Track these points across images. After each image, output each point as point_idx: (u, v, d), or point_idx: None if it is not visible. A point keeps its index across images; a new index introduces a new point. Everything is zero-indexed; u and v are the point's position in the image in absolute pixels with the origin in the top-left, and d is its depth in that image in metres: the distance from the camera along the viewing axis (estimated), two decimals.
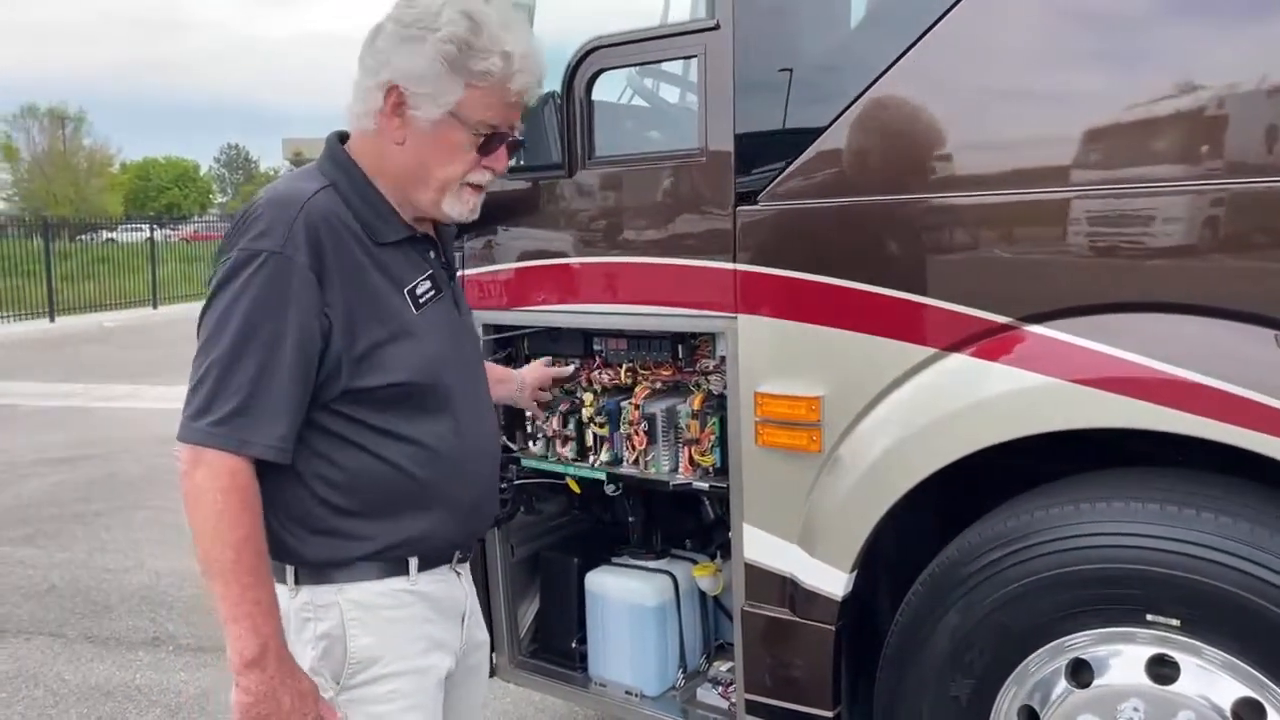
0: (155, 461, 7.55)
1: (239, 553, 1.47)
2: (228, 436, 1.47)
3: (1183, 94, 1.74)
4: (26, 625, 4.50)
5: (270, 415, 1.49)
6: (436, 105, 1.60)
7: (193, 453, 1.48)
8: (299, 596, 1.63)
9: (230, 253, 1.52)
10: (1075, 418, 1.81)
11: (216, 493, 1.47)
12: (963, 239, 1.94)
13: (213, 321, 1.50)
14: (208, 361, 1.49)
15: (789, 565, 2.18)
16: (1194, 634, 1.72)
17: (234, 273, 1.50)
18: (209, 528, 1.47)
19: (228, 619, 1.49)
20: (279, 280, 1.49)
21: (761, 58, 2.12)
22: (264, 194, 1.60)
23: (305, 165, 1.72)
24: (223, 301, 1.50)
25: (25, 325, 17.88)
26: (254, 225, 1.52)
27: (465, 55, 1.57)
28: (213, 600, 1.50)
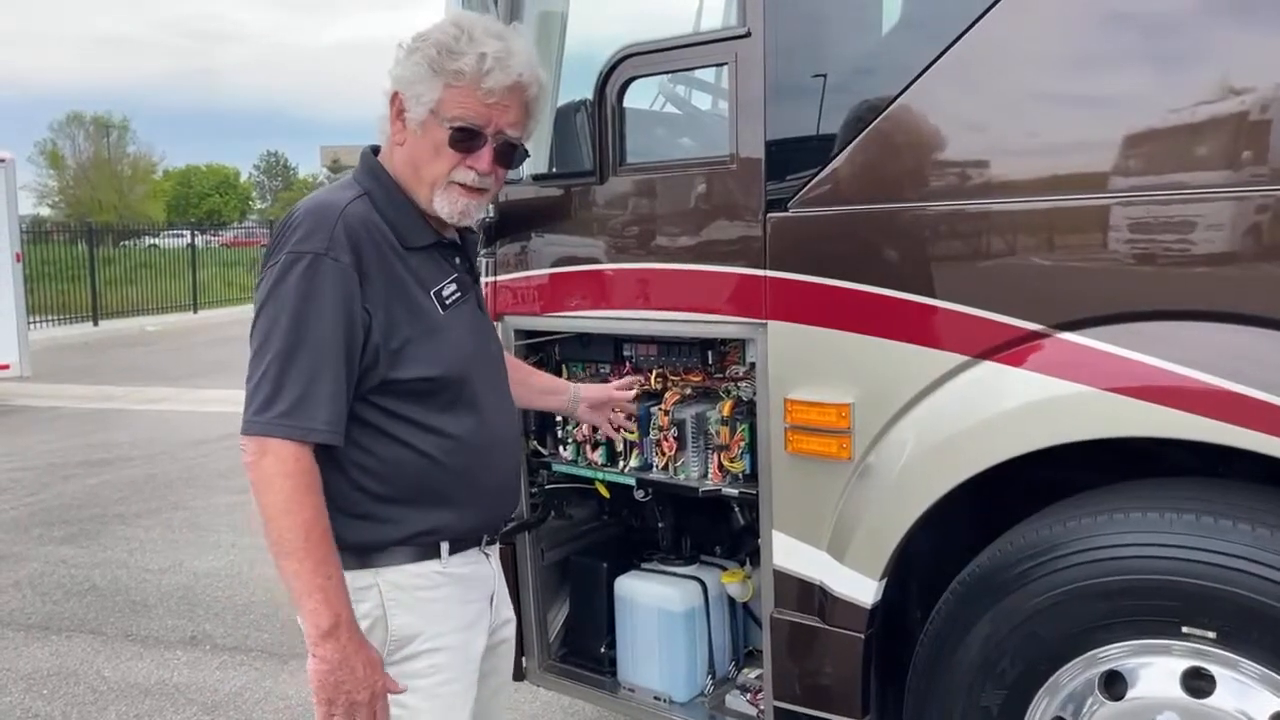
0: (194, 463, 7.68)
1: (308, 532, 1.58)
2: (291, 426, 1.58)
3: (1219, 99, 1.72)
4: (68, 623, 4.59)
5: (326, 402, 1.60)
6: (420, 105, 1.73)
7: (259, 444, 1.58)
8: (350, 579, 1.69)
9: (277, 257, 1.63)
10: (1109, 427, 1.79)
11: (284, 478, 1.57)
12: (995, 245, 1.93)
13: (267, 322, 1.61)
14: (267, 359, 1.59)
15: (819, 572, 2.17)
16: (1231, 647, 1.70)
17: (283, 275, 1.61)
18: (279, 511, 1.58)
19: (301, 594, 1.59)
20: (325, 278, 1.61)
21: (793, 65, 2.12)
22: (303, 204, 1.71)
23: (342, 177, 1.85)
24: (275, 302, 1.61)
25: (70, 329, 18.23)
26: (297, 231, 1.64)
27: (443, 57, 1.71)
28: (286, 579, 1.60)
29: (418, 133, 1.75)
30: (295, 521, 1.58)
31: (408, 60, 1.74)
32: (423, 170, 1.77)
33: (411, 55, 1.74)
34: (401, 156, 1.78)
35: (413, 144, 1.77)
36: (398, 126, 1.77)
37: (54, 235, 21.81)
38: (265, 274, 1.64)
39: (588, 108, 2.45)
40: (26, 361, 11.09)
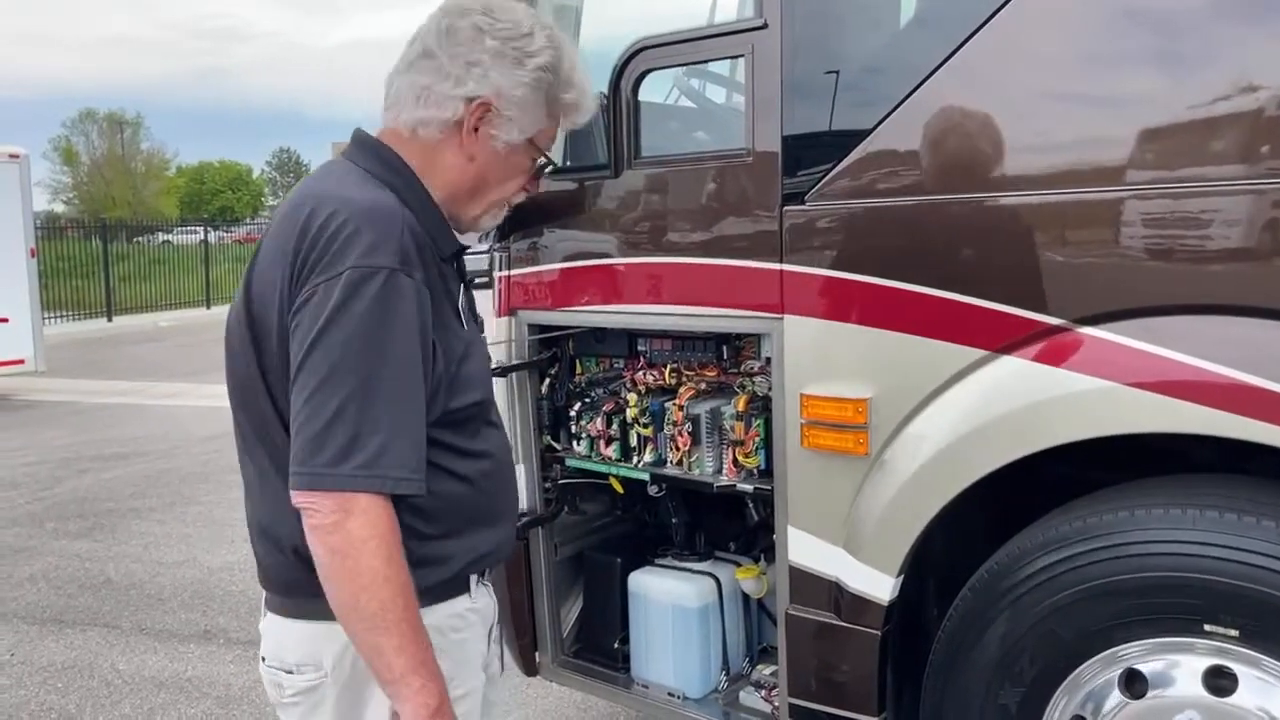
0: (208, 458, 7.71)
1: (407, 600, 1.36)
2: (380, 478, 1.34)
3: (1240, 92, 1.69)
4: (83, 617, 4.61)
5: (411, 446, 1.38)
6: (520, 130, 1.58)
7: (341, 502, 1.33)
8: None
9: (334, 270, 1.37)
10: (1130, 422, 1.77)
11: (377, 540, 1.33)
12: (1014, 239, 1.91)
13: (335, 350, 1.34)
14: (339, 396, 1.33)
15: (834, 569, 2.16)
16: (1254, 645, 1.67)
17: (352, 293, 1.35)
18: (378, 579, 1.33)
19: (406, 672, 1.37)
20: (403, 298, 1.39)
21: (809, 57, 2.11)
22: (341, 203, 1.43)
23: (343, 166, 1.56)
24: (342, 327, 1.35)
25: (84, 324, 18.35)
26: (357, 239, 1.38)
27: (555, 87, 1.58)
28: (385, 657, 1.36)
29: (498, 151, 1.58)
30: (395, 589, 1.34)
31: (506, 70, 1.53)
32: (491, 191, 1.63)
33: (512, 66, 1.53)
34: (465, 171, 1.58)
35: (488, 162, 1.58)
36: (471, 139, 1.56)
37: (68, 231, 21.96)
38: (316, 290, 1.36)
39: (602, 101, 2.44)
40: (41, 357, 11.17)
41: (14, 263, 10.86)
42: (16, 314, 10.84)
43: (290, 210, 1.47)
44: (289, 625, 1.55)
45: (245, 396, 1.52)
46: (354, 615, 1.36)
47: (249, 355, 1.48)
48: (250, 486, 1.58)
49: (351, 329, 1.35)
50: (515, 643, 2.82)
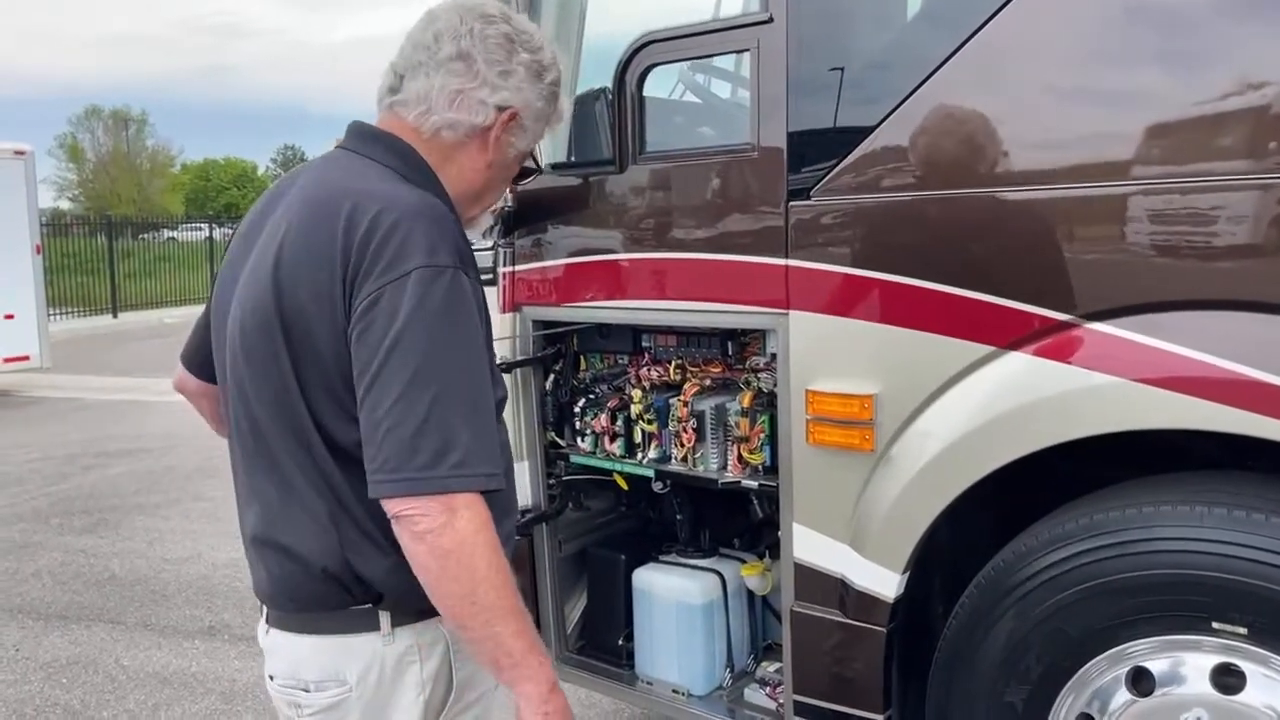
0: (212, 455, 7.70)
1: (513, 585, 1.38)
2: (475, 476, 1.34)
3: (1248, 87, 1.68)
4: (87, 612, 4.62)
5: (492, 443, 1.38)
6: (531, 140, 1.63)
7: (445, 502, 1.31)
8: (396, 643, 1.49)
9: (399, 270, 1.35)
10: (1138, 419, 1.76)
11: (484, 532, 1.34)
12: (1021, 234, 1.90)
13: (418, 353, 1.32)
14: (428, 400, 1.31)
15: (839, 566, 2.15)
16: (1262, 643, 1.67)
17: (425, 294, 1.33)
18: (489, 571, 1.34)
19: (525, 652, 1.39)
20: (466, 297, 1.39)
21: (816, 51, 2.10)
22: (388, 204, 1.40)
23: (360, 161, 1.52)
24: (423, 329, 1.33)
25: (90, 321, 18.39)
26: (416, 240, 1.36)
27: (559, 100, 1.63)
28: (504, 644, 1.38)
29: (509, 159, 1.60)
30: (505, 577, 1.36)
31: (533, 83, 1.56)
32: (492, 194, 1.66)
33: (537, 80, 1.56)
34: (479, 175, 1.59)
35: (500, 168, 1.61)
36: (496, 146, 1.57)
37: (73, 228, 22.02)
38: (383, 291, 1.34)
39: (607, 96, 2.43)
40: (46, 353, 11.19)
41: (19, 259, 10.88)
42: (22, 310, 10.86)
43: (318, 207, 1.42)
44: (304, 642, 1.51)
45: (276, 409, 1.44)
46: (471, 610, 1.35)
47: (283, 364, 1.41)
48: (263, 501, 1.50)
49: (428, 331, 1.33)
50: None
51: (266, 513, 1.50)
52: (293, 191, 1.51)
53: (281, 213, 1.48)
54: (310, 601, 1.48)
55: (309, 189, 1.49)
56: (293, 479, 1.45)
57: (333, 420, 1.41)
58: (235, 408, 1.52)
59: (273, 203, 1.54)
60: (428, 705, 1.52)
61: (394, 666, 1.49)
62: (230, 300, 1.52)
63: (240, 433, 1.53)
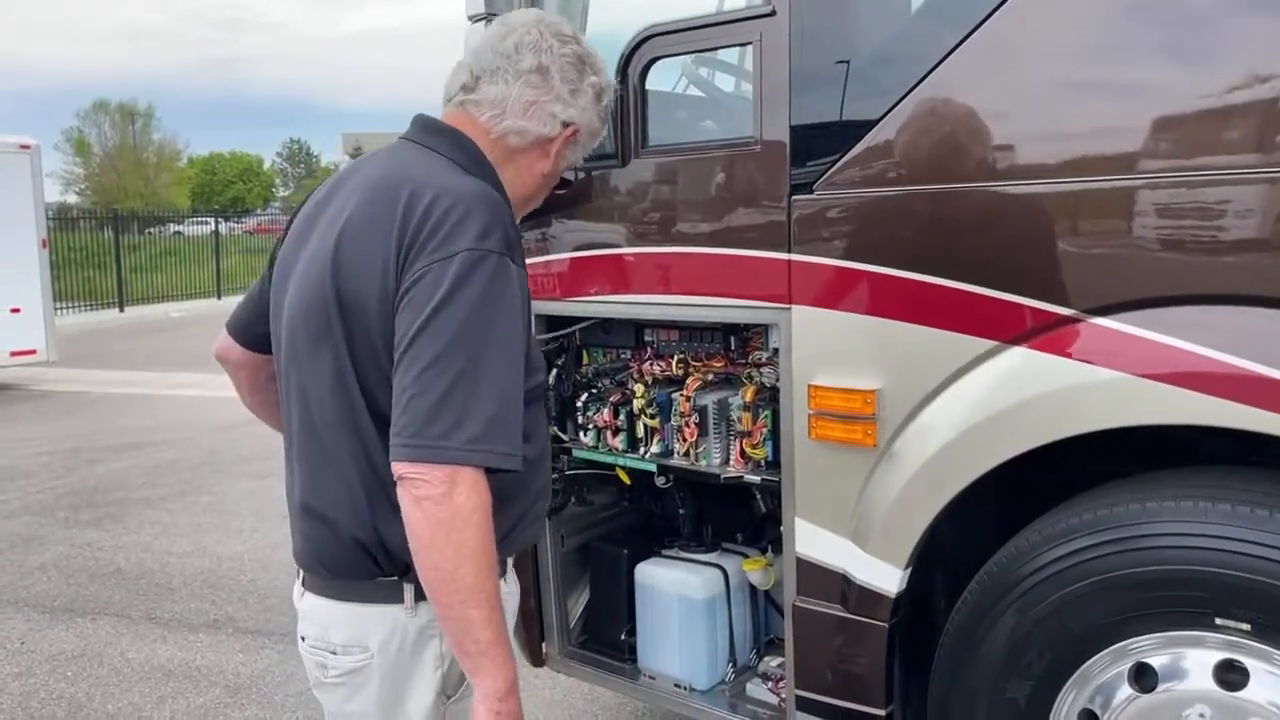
0: (218, 448, 7.74)
1: (494, 574, 1.41)
2: (486, 452, 1.38)
3: (1253, 80, 1.67)
4: (93, 606, 4.63)
5: (513, 424, 1.42)
6: (580, 155, 1.75)
7: (449, 473, 1.36)
8: (418, 616, 1.53)
9: (447, 250, 1.41)
10: (1142, 414, 1.75)
11: (479, 513, 1.37)
12: (1024, 229, 1.89)
13: (451, 329, 1.38)
14: (452, 374, 1.36)
15: (842, 561, 2.14)
16: (1265, 639, 1.66)
17: (466, 275, 1.40)
18: (474, 550, 1.37)
19: (491, 644, 1.41)
20: (510, 283, 1.45)
21: (819, 44, 2.08)
22: (446, 190, 1.47)
23: (423, 153, 1.59)
24: (456, 307, 1.38)
25: (96, 315, 18.44)
26: (468, 225, 1.43)
27: (606, 121, 1.76)
28: (474, 630, 1.40)
29: (559, 170, 1.73)
30: (489, 562, 1.38)
31: (596, 105, 1.69)
32: (536, 199, 1.77)
33: (599, 103, 1.69)
34: (536, 181, 1.70)
35: (550, 177, 1.73)
36: (555, 159, 1.68)
37: (80, 222, 22.04)
38: (429, 269, 1.40)
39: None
40: (53, 347, 11.22)
41: (26, 253, 10.90)
42: (29, 304, 10.89)
43: (380, 192, 1.50)
44: (335, 607, 1.57)
45: (328, 380, 1.49)
46: (450, 587, 1.38)
47: (337, 338, 1.47)
48: (306, 469, 1.57)
49: (465, 309, 1.39)
50: (522, 633, 2.83)
51: (311, 481, 1.56)
52: (356, 180, 1.58)
53: (344, 198, 1.56)
54: (340, 568, 1.55)
55: (372, 175, 1.57)
56: (335, 448, 1.51)
57: (379, 391, 1.46)
58: (289, 379, 1.59)
59: (335, 189, 1.62)
60: (445, 679, 1.58)
61: (415, 638, 1.55)
62: (290, 277, 1.59)
63: (292, 403, 1.59)
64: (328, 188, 1.65)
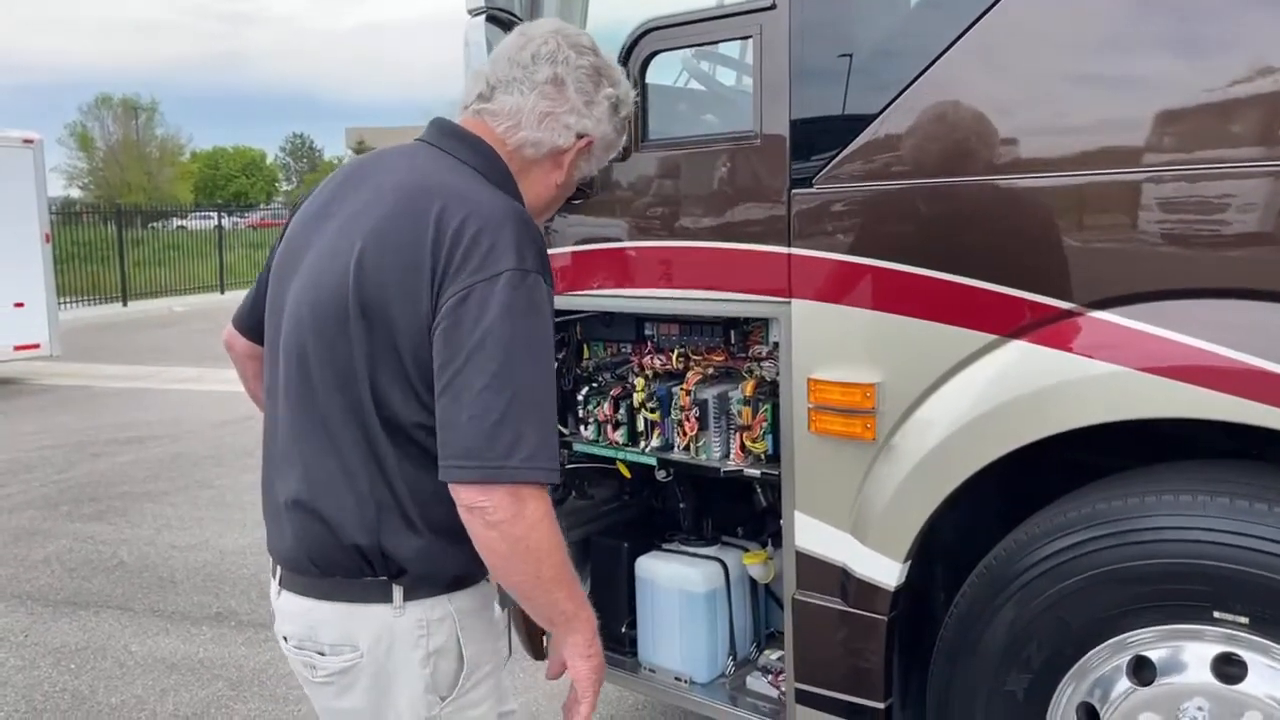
0: (221, 442, 7.75)
1: (568, 560, 1.52)
2: (542, 469, 1.43)
3: (1255, 74, 1.67)
4: (96, 599, 4.65)
5: (554, 440, 1.47)
6: (595, 167, 1.76)
7: (514, 492, 1.41)
8: (406, 615, 1.55)
9: (490, 270, 1.42)
10: (1141, 408, 1.75)
11: (548, 518, 1.45)
12: (1024, 222, 1.89)
13: (502, 351, 1.40)
14: (507, 396, 1.40)
15: (841, 554, 2.15)
16: (1263, 632, 1.66)
17: (513, 295, 1.42)
18: (552, 548, 1.47)
19: (577, 608, 1.56)
20: (545, 301, 1.48)
21: (819, 38, 2.08)
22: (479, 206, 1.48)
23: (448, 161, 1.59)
24: (509, 328, 1.41)
25: (99, 309, 18.46)
26: (507, 243, 1.44)
27: (624, 133, 1.76)
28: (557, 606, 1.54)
29: (573, 182, 1.73)
30: (563, 555, 1.49)
31: (612, 119, 1.69)
32: (550, 210, 1.79)
33: (616, 117, 1.70)
34: (550, 192, 1.71)
35: (564, 189, 1.73)
36: (569, 170, 1.68)
37: (83, 217, 22.03)
38: (472, 289, 1.41)
39: None
40: (56, 341, 11.24)
41: (29, 248, 10.91)
42: (32, 299, 10.90)
43: (408, 200, 1.49)
44: (321, 606, 1.57)
45: (338, 382, 1.49)
46: (536, 584, 1.49)
47: (354, 343, 1.47)
48: (307, 466, 1.55)
49: (513, 330, 1.41)
50: (522, 627, 2.82)
51: (309, 478, 1.54)
52: (376, 180, 1.57)
53: (365, 200, 1.54)
54: (331, 567, 1.54)
55: (396, 181, 1.55)
56: (343, 451, 1.51)
57: (396, 400, 1.47)
58: (288, 374, 1.57)
59: (345, 187, 1.61)
60: (433, 678, 1.58)
61: (403, 638, 1.55)
62: (294, 273, 1.58)
63: (290, 398, 1.57)
64: (334, 185, 1.64)
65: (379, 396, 1.48)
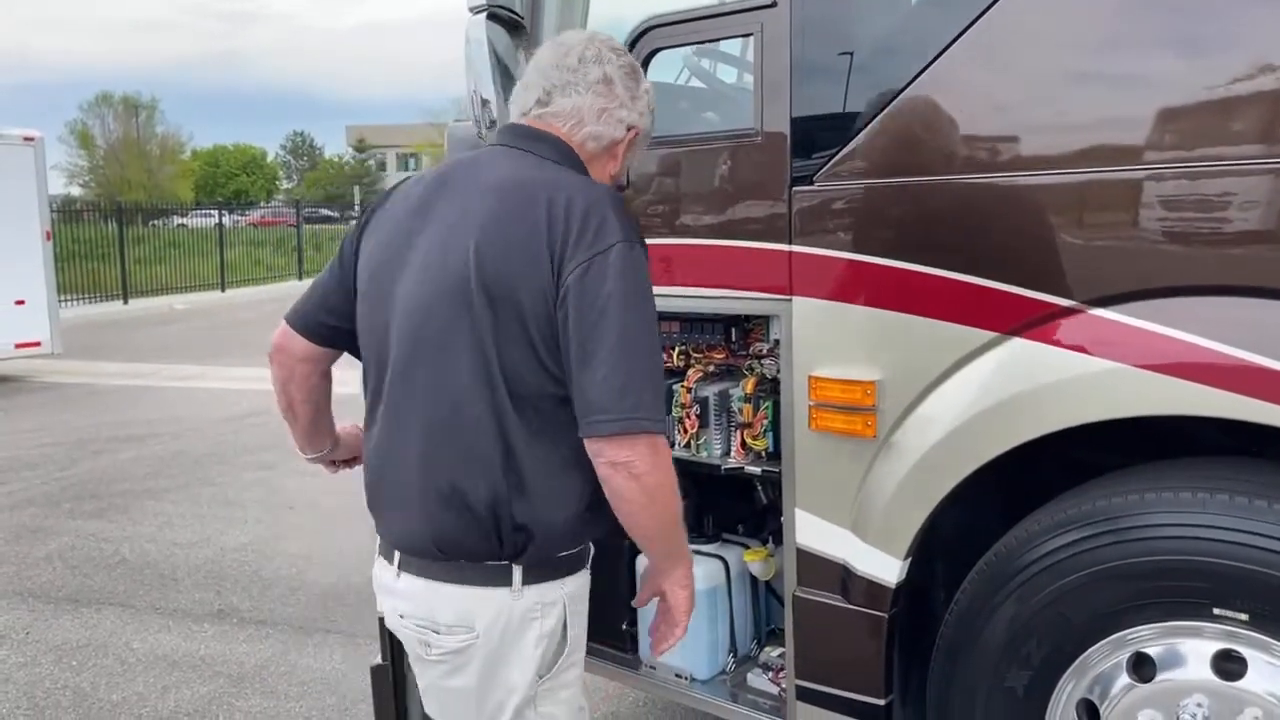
0: (222, 440, 7.76)
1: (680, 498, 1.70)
2: (664, 420, 1.63)
3: (1255, 72, 1.67)
4: (97, 596, 4.65)
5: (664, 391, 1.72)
6: (636, 157, 1.93)
7: (648, 442, 1.57)
8: (524, 599, 1.67)
9: (608, 242, 1.58)
10: (1140, 405, 1.76)
11: (670, 465, 1.63)
12: (1024, 220, 1.89)
13: (624, 314, 1.56)
14: (631, 354, 1.56)
15: (842, 551, 2.15)
16: (1263, 629, 1.66)
17: (625, 264, 1.58)
18: (674, 490, 1.64)
19: (682, 546, 1.77)
20: (646, 268, 1.65)
21: (819, 35, 2.09)
22: (580, 191, 1.64)
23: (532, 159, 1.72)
24: (633, 294, 1.58)
25: (100, 307, 18.45)
26: (611, 220, 1.60)
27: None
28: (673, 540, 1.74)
29: (622, 172, 1.88)
30: (679, 498, 1.67)
31: (648, 108, 1.84)
32: None
33: (650, 108, 1.84)
34: (607, 181, 1.81)
35: (617, 178, 1.86)
36: (620, 160, 1.83)
37: (84, 214, 22.02)
38: (591, 263, 1.56)
39: None
40: (57, 339, 11.24)
41: (30, 245, 10.91)
42: (33, 296, 10.90)
43: (512, 193, 1.63)
44: (443, 589, 1.68)
45: (468, 361, 1.60)
46: (664, 526, 1.67)
47: (480, 323, 1.59)
48: (437, 452, 1.64)
49: (630, 296, 1.57)
50: None
51: (444, 462, 1.64)
52: (472, 183, 1.70)
53: (466, 201, 1.66)
54: (458, 550, 1.64)
55: (496, 178, 1.68)
56: (476, 430, 1.61)
57: (525, 373, 1.60)
58: (407, 365, 1.66)
59: (441, 193, 1.71)
60: (543, 658, 1.71)
61: (518, 621, 1.67)
62: (398, 274, 1.68)
63: (410, 388, 1.67)
64: (424, 192, 1.74)
65: (508, 372, 1.60)
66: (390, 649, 2.12)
